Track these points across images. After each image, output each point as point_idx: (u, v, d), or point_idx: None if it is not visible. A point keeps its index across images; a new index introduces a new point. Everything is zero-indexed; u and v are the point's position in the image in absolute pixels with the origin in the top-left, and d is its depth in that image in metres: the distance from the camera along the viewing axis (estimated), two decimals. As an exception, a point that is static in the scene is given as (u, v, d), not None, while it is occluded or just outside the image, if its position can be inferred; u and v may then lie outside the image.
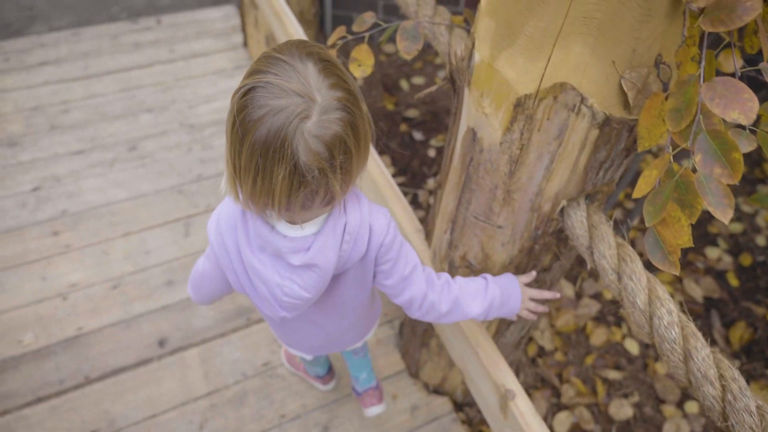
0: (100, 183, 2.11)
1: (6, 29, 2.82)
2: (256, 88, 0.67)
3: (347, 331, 1.12)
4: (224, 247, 0.87)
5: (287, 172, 0.67)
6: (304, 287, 0.84)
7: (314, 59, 0.69)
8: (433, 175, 2.43)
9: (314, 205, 0.74)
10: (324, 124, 0.67)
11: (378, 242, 0.86)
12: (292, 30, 1.85)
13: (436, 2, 1.28)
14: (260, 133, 0.66)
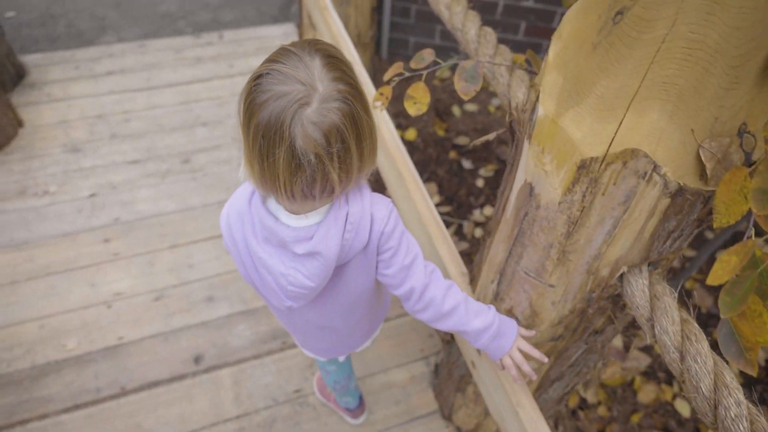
0: (152, 193, 2.17)
1: (79, 38, 2.97)
2: (265, 74, 0.71)
3: (355, 327, 1.13)
4: (233, 239, 0.90)
5: (285, 154, 0.70)
6: (307, 276, 0.86)
7: (322, 54, 0.73)
8: (480, 206, 2.37)
9: (314, 193, 0.76)
10: (323, 111, 0.70)
11: (379, 231, 0.88)
12: (347, 51, 1.85)
13: (497, 40, 1.24)
14: (263, 116, 0.70)
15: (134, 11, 3.19)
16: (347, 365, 1.43)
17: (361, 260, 0.91)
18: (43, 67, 2.69)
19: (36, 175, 2.19)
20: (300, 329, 1.12)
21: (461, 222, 2.30)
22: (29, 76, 2.64)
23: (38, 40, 2.93)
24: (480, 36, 1.24)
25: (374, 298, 1.08)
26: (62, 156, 2.28)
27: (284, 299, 0.90)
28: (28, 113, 2.44)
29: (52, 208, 2.08)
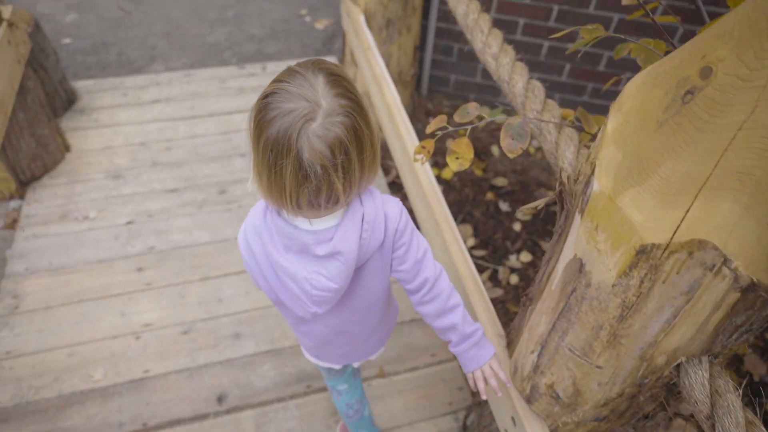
0: (188, 223, 2.18)
1: (129, 66, 3.07)
2: (273, 93, 0.77)
3: (372, 332, 1.15)
4: (253, 256, 0.94)
5: (293, 167, 0.75)
6: (330, 278, 0.89)
7: (324, 72, 0.78)
8: (517, 251, 2.29)
9: (320, 202, 0.80)
10: (327, 126, 0.75)
11: (393, 228, 0.93)
12: (387, 92, 1.84)
13: (545, 94, 1.20)
14: (272, 132, 0.75)
15: (183, 41, 3.28)
16: (358, 386, 1.44)
17: (378, 260, 0.96)
18: (93, 93, 2.78)
19: (78, 200, 2.24)
20: (318, 337, 1.13)
21: (496, 267, 2.23)
22: (80, 101, 2.73)
23: (90, 67, 3.04)
24: (528, 90, 1.20)
25: (387, 301, 1.12)
26: (104, 182, 2.33)
27: (310, 306, 0.94)
28: (76, 138, 2.51)
29: (90, 234, 2.12)
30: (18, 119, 2.10)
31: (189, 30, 3.38)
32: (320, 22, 3.52)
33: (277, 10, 3.62)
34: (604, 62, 2.60)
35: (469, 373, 1.05)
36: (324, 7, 3.68)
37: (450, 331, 1.04)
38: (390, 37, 2.26)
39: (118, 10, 3.48)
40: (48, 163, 2.32)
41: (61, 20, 3.35)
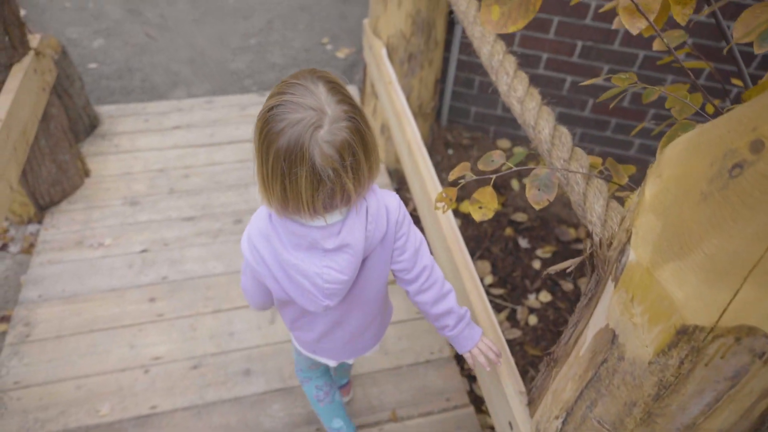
0: (202, 253, 2.16)
1: (152, 91, 3.11)
2: (277, 106, 0.80)
3: (369, 325, 1.19)
4: (261, 259, 0.97)
5: (307, 173, 0.80)
6: (339, 270, 0.94)
7: (323, 81, 0.83)
8: (536, 290, 2.23)
9: (335, 203, 0.86)
10: (334, 131, 0.80)
11: (394, 219, 1.00)
12: (408, 128, 1.81)
13: (572, 142, 1.16)
14: (282, 143, 0.79)
15: (206, 68, 3.32)
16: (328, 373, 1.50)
17: (380, 252, 1.01)
18: (115, 118, 2.81)
19: (94, 226, 2.24)
20: (318, 330, 1.16)
21: (515, 307, 2.16)
22: (102, 126, 2.76)
23: (114, 92, 3.08)
24: (554, 137, 1.16)
25: (385, 295, 1.18)
26: (121, 208, 2.33)
27: (322, 299, 0.98)
28: (96, 163, 2.53)
29: (105, 261, 2.11)
30: (40, 145, 2.11)
31: (212, 57, 3.42)
32: (342, 51, 3.54)
33: (299, 38, 3.66)
34: (628, 98, 2.56)
35: (467, 353, 1.14)
36: (346, 36, 3.71)
37: (446, 315, 1.11)
38: (411, 70, 2.25)
39: (144, 36, 3.54)
40: (67, 189, 2.34)
41: (89, 45, 3.42)
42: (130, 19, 3.70)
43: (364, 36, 2.37)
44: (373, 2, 2.17)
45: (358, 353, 1.27)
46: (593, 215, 1.02)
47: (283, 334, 1.90)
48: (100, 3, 3.83)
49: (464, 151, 2.85)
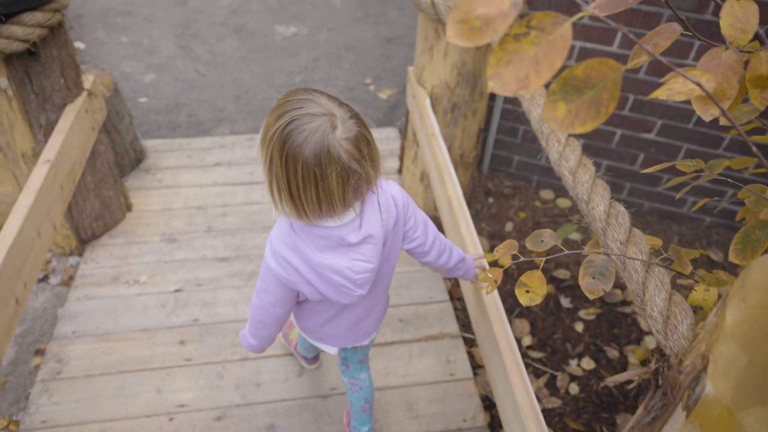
0: (234, 296, 2.14)
1: (197, 127, 3.17)
2: (292, 121, 0.88)
3: (372, 309, 1.29)
4: (292, 268, 1.04)
5: (337, 173, 0.89)
6: (366, 260, 1.04)
7: (318, 91, 0.94)
8: (578, 356, 2.10)
9: (362, 191, 0.97)
10: (347, 129, 0.90)
11: (401, 204, 1.12)
12: (450, 183, 1.76)
13: (630, 222, 1.08)
14: (309, 151, 0.87)
15: (250, 105, 3.38)
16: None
17: (393, 237, 1.14)
18: (160, 152, 2.87)
19: (132, 263, 2.26)
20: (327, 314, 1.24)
21: (554, 373, 2.04)
22: (147, 160, 2.82)
23: (161, 127, 3.16)
24: (610, 215, 1.08)
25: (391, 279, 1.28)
26: (159, 245, 2.34)
27: (355, 290, 1.07)
28: (139, 197, 2.57)
29: (139, 300, 2.11)
30: (86, 181, 2.16)
31: (257, 94, 3.48)
32: (384, 92, 3.55)
33: (343, 77, 3.70)
34: (683, 154, 2.44)
35: (475, 278, 1.37)
36: (389, 76, 3.73)
37: (461, 263, 1.31)
38: (455, 120, 2.21)
39: (193, 72, 3.65)
40: (109, 223, 2.37)
41: (141, 80, 3.54)
42: (182, 54, 3.82)
43: (408, 84, 2.35)
44: (419, 52, 2.16)
45: (359, 340, 1.36)
46: (654, 309, 0.94)
47: (310, 388, 1.84)
48: (154, 39, 3.98)
49: (505, 200, 2.77)
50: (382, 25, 4.32)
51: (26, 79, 1.79)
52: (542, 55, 0.51)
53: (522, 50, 0.51)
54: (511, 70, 0.52)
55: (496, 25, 0.49)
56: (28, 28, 1.66)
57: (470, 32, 0.49)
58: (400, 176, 2.78)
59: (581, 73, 0.57)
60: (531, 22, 0.51)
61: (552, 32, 0.51)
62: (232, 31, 4.13)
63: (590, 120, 0.59)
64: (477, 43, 0.49)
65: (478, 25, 0.49)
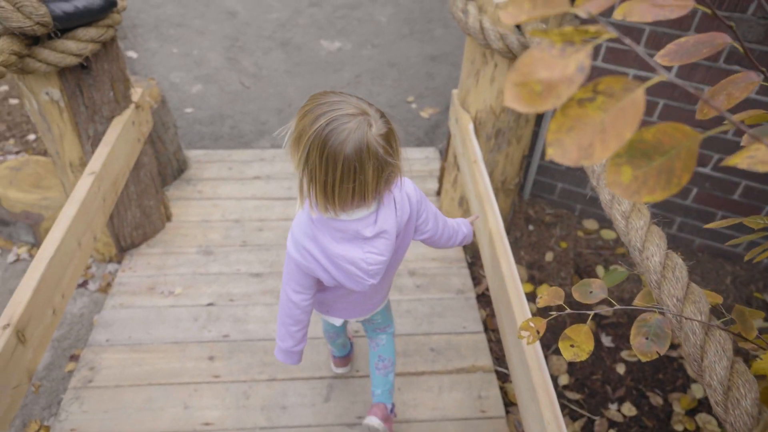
0: (265, 314, 2.13)
1: (239, 139, 3.21)
2: (331, 122, 0.95)
3: (379, 290, 1.40)
4: (311, 256, 1.13)
5: (373, 166, 0.98)
6: (379, 252, 1.12)
7: (345, 93, 1.01)
8: (618, 400, 1.99)
9: (392, 183, 1.07)
10: (380, 127, 0.99)
11: (415, 201, 1.21)
12: (491, 215, 1.69)
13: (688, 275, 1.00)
14: (350, 149, 0.95)
15: (292, 119, 3.40)
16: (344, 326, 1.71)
17: (405, 231, 1.22)
18: (202, 163, 2.91)
19: (168, 273, 2.28)
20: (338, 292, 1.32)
21: (592, 417, 1.94)
22: (189, 170, 2.86)
23: (205, 137, 3.21)
24: (666, 267, 1.01)
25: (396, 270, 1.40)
26: (195, 257, 2.36)
27: (367, 279, 1.15)
28: (178, 207, 2.61)
29: (172, 311, 2.12)
30: (128, 191, 2.20)
31: (299, 108, 3.50)
32: (426, 111, 3.51)
33: (386, 94, 3.68)
34: (740, 191, 2.30)
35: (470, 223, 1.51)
36: (431, 95, 3.69)
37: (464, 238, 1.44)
38: (498, 146, 2.15)
39: (238, 84, 3.71)
40: (148, 232, 2.41)
41: (188, 90, 3.62)
42: (228, 66, 3.89)
43: (452, 106, 2.31)
44: (464, 75, 2.11)
45: (364, 314, 1.46)
46: (713, 378, 0.86)
47: (336, 416, 1.80)
48: (203, 50, 4.07)
49: (546, 228, 2.68)
50: (427, 42, 4.30)
51: (78, 92, 1.84)
52: (610, 122, 0.46)
53: (586, 116, 0.46)
54: (573, 137, 0.47)
55: (560, 91, 0.44)
56: (82, 44, 1.70)
57: (530, 97, 0.45)
58: (438, 198, 2.73)
59: (652, 137, 0.52)
60: (598, 87, 0.46)
61: (622, 98, 0.46)
62: (278, 44, 4.19)
63: (660, 189, 0.53)
64: (537, 109, 0.45)
65: (539, 90, 0.45)
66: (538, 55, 0.45)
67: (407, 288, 2.26)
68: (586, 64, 0.44)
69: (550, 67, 0.45)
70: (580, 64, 0.44)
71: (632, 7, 0.61)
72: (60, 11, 1.61)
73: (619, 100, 0.46)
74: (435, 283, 2.29)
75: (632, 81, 0.45)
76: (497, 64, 1.93)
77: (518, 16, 0.49)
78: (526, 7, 0.49)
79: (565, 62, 0.45)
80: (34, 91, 1.81)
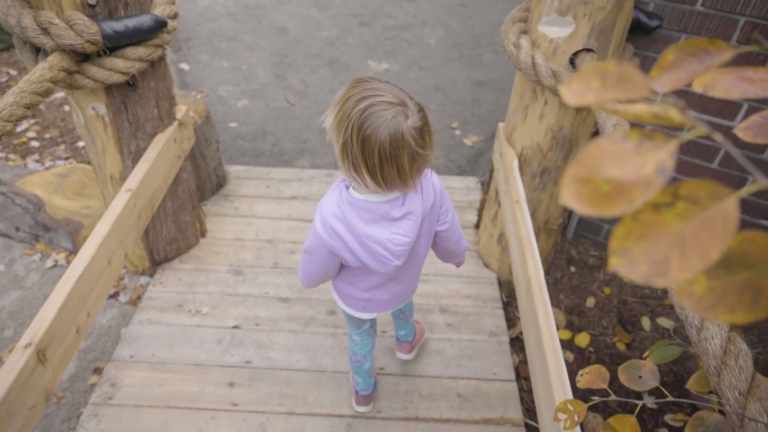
0: (289, 342, 2.07)
1: (280, 157, 3.21)
2: (370, 107, 1.01)
3: (411, 282, 1.47)
4: (338, 236, 1.17)
5: (407, 154, 1.04)
6: (405, 234, 1.18)
7: (389, 84, 1.06)
8: (659, 470, 1.82)
9: (422, 170, 1.13)
10: (416, 120, 1.05)
11: (438, 189, 1.28)
12: (531, 261, 1.59)
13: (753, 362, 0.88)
14: (384, 135, 1.01)
15: (333, 139, 3.38)
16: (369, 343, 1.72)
17: (429, 217, 1.28)
18: (241, 179, 2.91)
19: (197, 291, 2.27)
20: (374, 283, 1.38)
21: (629, 486, 1.78)
22: (227, 185, 2.87)
23: (246, 153, 3.23)
24: (727, 352, 0.89)
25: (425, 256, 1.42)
26: (225, 276, 2.34)
27: (392, 260, 1.20)
28: (214, 223, 2.61)
29: (197, 331, 2.10)
30: (165, 207, 2.20)
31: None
32: (469, 138, 3.43)
33: (429, 118, 3.62)
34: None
35: None
36: (476, 122, 3.61)
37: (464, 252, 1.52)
38: (543, 185, 2.05)
39: (284, 101, 3.73)
40: (182, 247, 2.41)
41: (234, 105, 3.66)
42: (275, 83, 3.93)
43: (497, 140, 2.22)
44: (512, 109, 2.02)
45: (397, 305, 1.51)
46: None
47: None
48: (252, 65, 4.13)
49: (589, 271, 2.54)
50: (475, 67, 4.23)
51: (123, 108, 1.86)
52: (691, 235, 0.38)
53: (662, 224, 0.38)
54: (643, 247, 0.38)
55: (633, 194, 0.37)
56: (130, 62, 1.72)
57: (594, 197, 0.37)
58: (476, 231, 2.63)
59: (737, 245, 0.43)
60: (679, 190, 0.37)
61: (708, 207, 0.37)
62: (326, 62, 4.21)
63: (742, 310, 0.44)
64: (602, 213, 0.37)
65: (607, 191, 0.37)
66: (607, 148, 0.38)
67: (438, 326, 2.17)
68: (668, 165, 0.36)
69: (622, 165, 0.37)
70: (661, 165, 0.36)
71: (716, 79, 0.52)
72: (110, 30, 1.63)
73: (705, 209, 0.37)
74: (467, 322, 2.19)
75: (722, 188, 0.37)
76: (548, 100, 1.84)
77: (584, 97, 0.41)
78: (594, 85, 0.41)
79: (641, 160, 0.37)
80: (81, 105, 1.84)
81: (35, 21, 1.57)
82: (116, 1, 1.66)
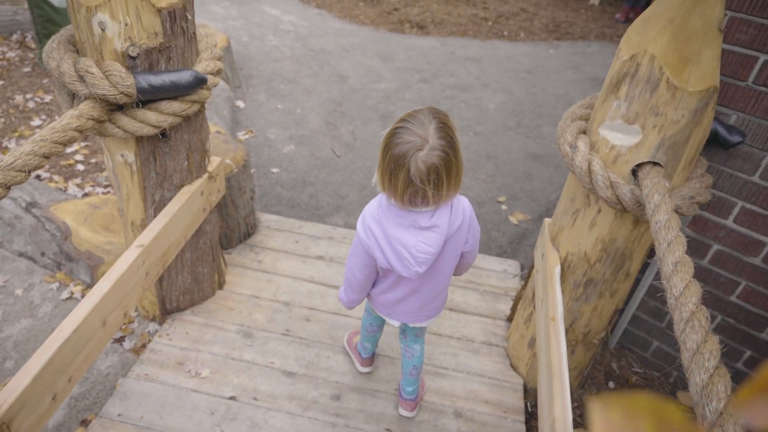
0: (286, 425, 1.90)
1: (315, 210, 3.11)
2: (400, 128, 1.25)
3: (435, 298, 1.60)
4: (372, 235, 1.38)
5: (404, 176, 1.24)
6: (429, 244, 1.35)
7: (437, 121, 1.26)
8: None
9: (417, 201, 1.29)
10: (429, 155, 1.22)
11: (468, 214, 1.45)
12: (558, 401, 1.38)
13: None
14: (395, 152, 1.24)
15: (372, 197, 3.27)
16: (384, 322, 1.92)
17: (456, 237, 1.43)
18: (271, 230, 2.83)
19: (201, 349, 2.15)
20: (399, 294, 1.56)
21: None
22: (256, 235, 2.79)
23: (282, 201, 3.15)
24: None
25: (450, 277, 1.57)
26: (233, 337, 2.22)
27: (414, 266, 1.36)
28: (234, 275, 2.51)
29: (192, 397, 1.97)
30: (183, 258, 2.12)
31: (383, 187, 3.37)
32: (515, 216, 3.23)
33: (476, 189, 3.46)
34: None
35: None
36: (525, 198, 3.41)
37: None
38: (586, 297, 1.83)
39: (330, 151, 3.67)
40: (196, 299, 2.32)
41: (280, 149, 3.63)
42: (325, 130, 3.89)
43: (541, 236, 2.03)
44: (560, 210, 1.84)
45: (420, 320, 1.65)
46: None
47: None
48: (306, 110, 4.13)
49: (630, 391, 2.25)
50: (532, 139, 4.05)
51: (151, 158, 1.80)
52: None
53: None
54: None
55: None
56: (162, 116, 1.66)
57: None
58: (507, 325, 2.41)
59: None
60: None
61: None
62: (379, 116, 4.15)
63: None
64: None
65: None
66: None
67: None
68: None
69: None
70: None
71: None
72: (146, 84, 1.58)
73: None
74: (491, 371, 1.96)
75: None
76: (601, 209, 1.65)
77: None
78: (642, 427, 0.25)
79: None
80: (111, 150, 1.80)
81: (74, 67, 1.55)
82: (158, 55, 1.62)
